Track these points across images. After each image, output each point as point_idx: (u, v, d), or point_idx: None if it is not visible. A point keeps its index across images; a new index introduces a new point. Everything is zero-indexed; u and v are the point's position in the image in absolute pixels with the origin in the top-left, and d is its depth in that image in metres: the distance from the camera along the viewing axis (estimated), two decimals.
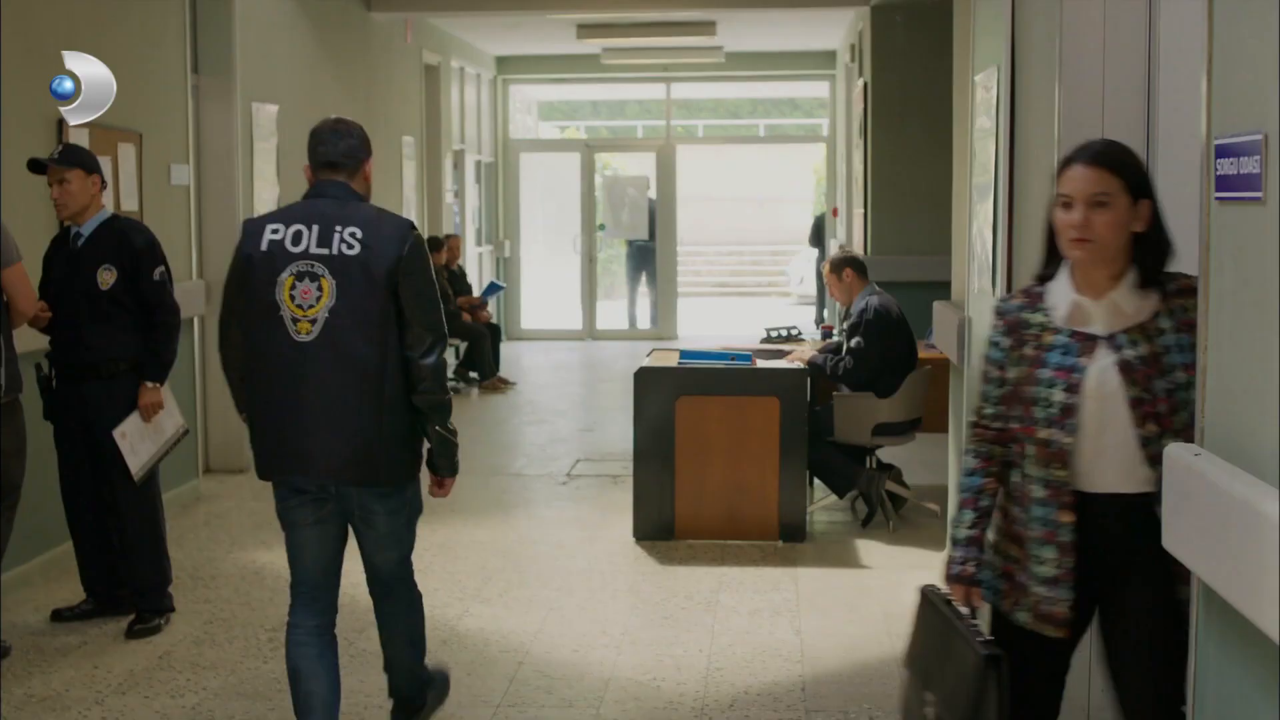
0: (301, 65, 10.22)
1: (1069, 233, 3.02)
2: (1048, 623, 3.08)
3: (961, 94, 6.02)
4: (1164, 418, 2.97)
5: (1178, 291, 3.04)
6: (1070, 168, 3.05)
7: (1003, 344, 3.16)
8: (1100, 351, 3.03)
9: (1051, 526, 3.04)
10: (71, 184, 5.55)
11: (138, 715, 4.85)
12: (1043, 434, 3.04)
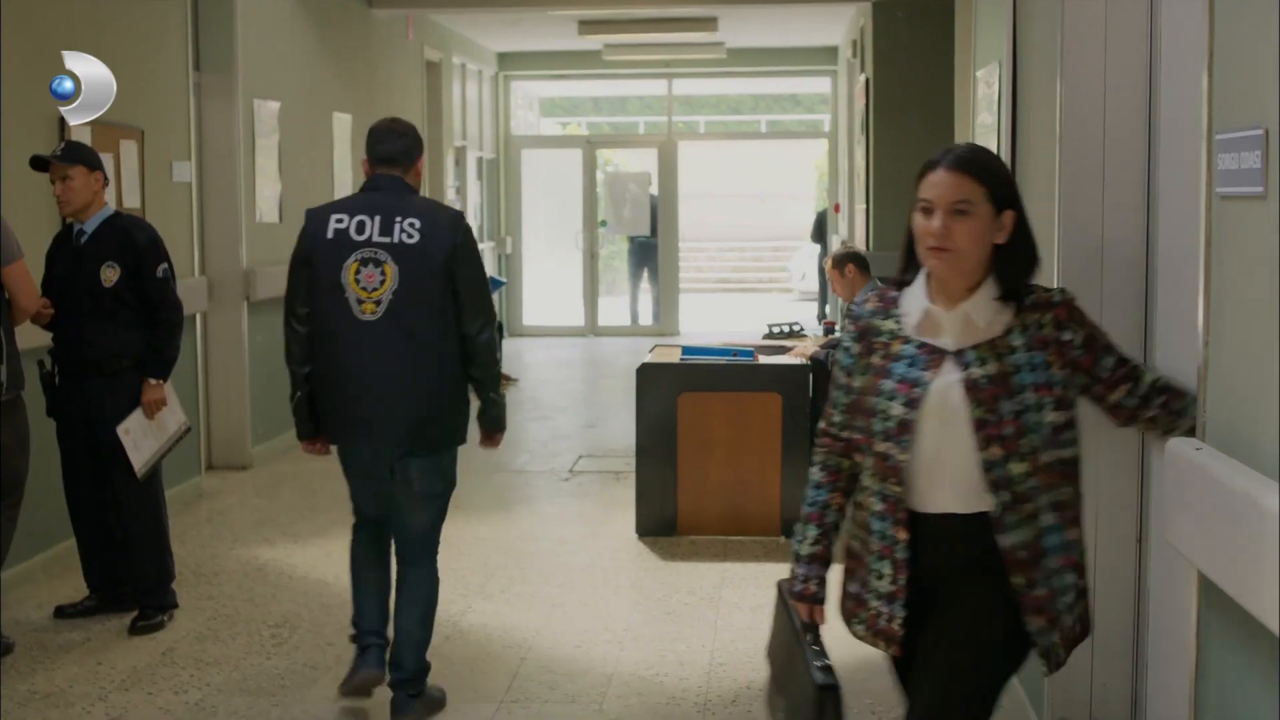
0: (303, 62, 10.22)
1: (927, 240, 2.86)
2: (881, 638, 3.00)
3: (963, 89, 6.02)
4: (1009, 441, 2.83)
5: (1033, 306, 2.91)
6: (932, 172, 2.90)
7: (852, 350, 3.02)
8: (947, 367, 2.89)
9: (888, 542, 2.93)
10: (74, 181, 5.56)
11: (141, 712, 4.86)
12: (880, 447, 2.91)
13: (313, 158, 10.32)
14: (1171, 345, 3.81)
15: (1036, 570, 2.85)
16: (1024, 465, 2.81)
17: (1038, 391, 2.84)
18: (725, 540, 7.02)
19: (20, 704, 4.92)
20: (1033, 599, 2.86)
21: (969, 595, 2.91)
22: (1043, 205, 4.32)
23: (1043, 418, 2.83)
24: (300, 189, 9.94)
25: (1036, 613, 2.87)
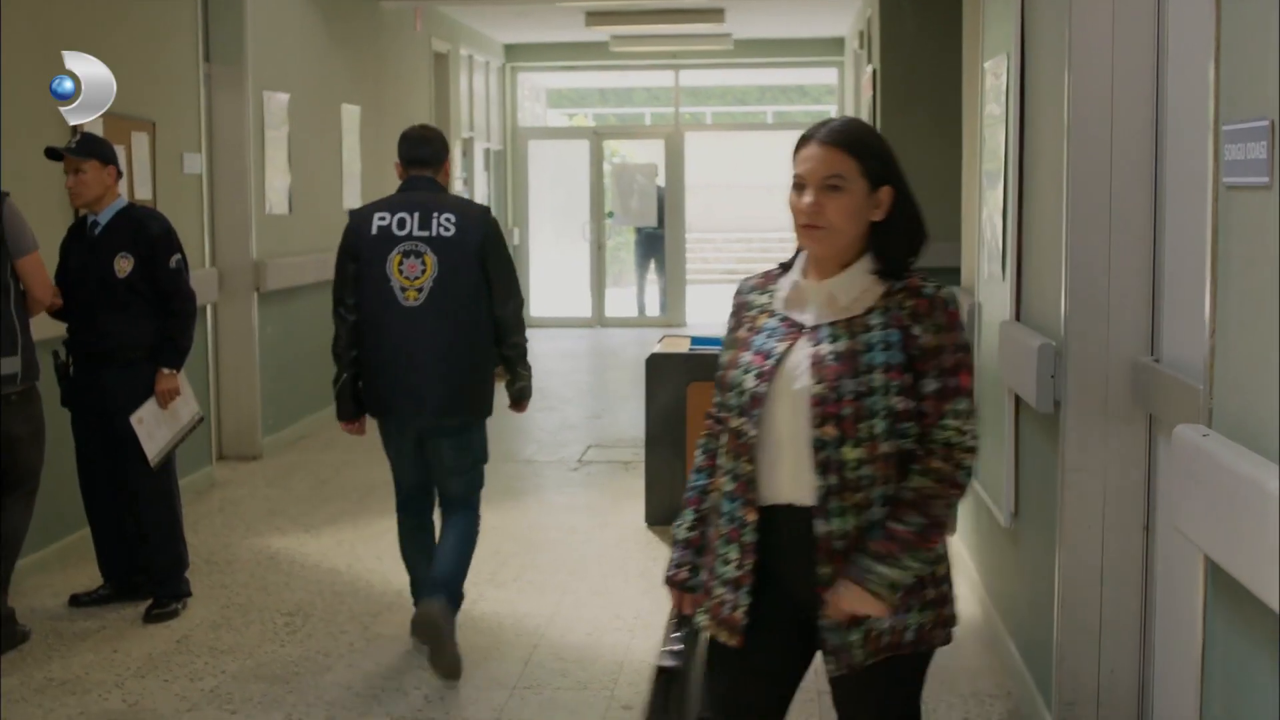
0: (312, 54, 10.26)
1: (800, 217, 2.75)
2: (724, 628, 2.81)
3: (971, 81, 6.06)
4: (846, 421, 2.68)
5: (903, 289, 2.76)
6: (804, 147, 2.77)
7: (730, 323, 2.94)
8: (802, 342, 2.76)
9: (736, 524, 2.78)
10: (87, 174, 5.60)
11: (157, 698, 4.91)
12: (735, 423, 2.79)
13: (322, 150, 10.36)
14: (1178, 334, 3.85)
15: (841, 561, 2.70)
16: (859, 451, 2.68)
17: (887, 373, 2.69)
18: None
19: (38, 690, 4.97)
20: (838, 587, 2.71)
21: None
22: (1050, 196, 4.36)
23: (887, 402, 2.68)
24: (309, 181, 9.99)
25: (836, 608, 2.72)
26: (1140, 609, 4.12)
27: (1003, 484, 4.98)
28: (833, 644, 2.73)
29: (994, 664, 5.13)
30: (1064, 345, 4.15)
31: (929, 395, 2.69)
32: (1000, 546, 5.26)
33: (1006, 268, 4.94)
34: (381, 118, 11.73)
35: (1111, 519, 4.14)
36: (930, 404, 2.70)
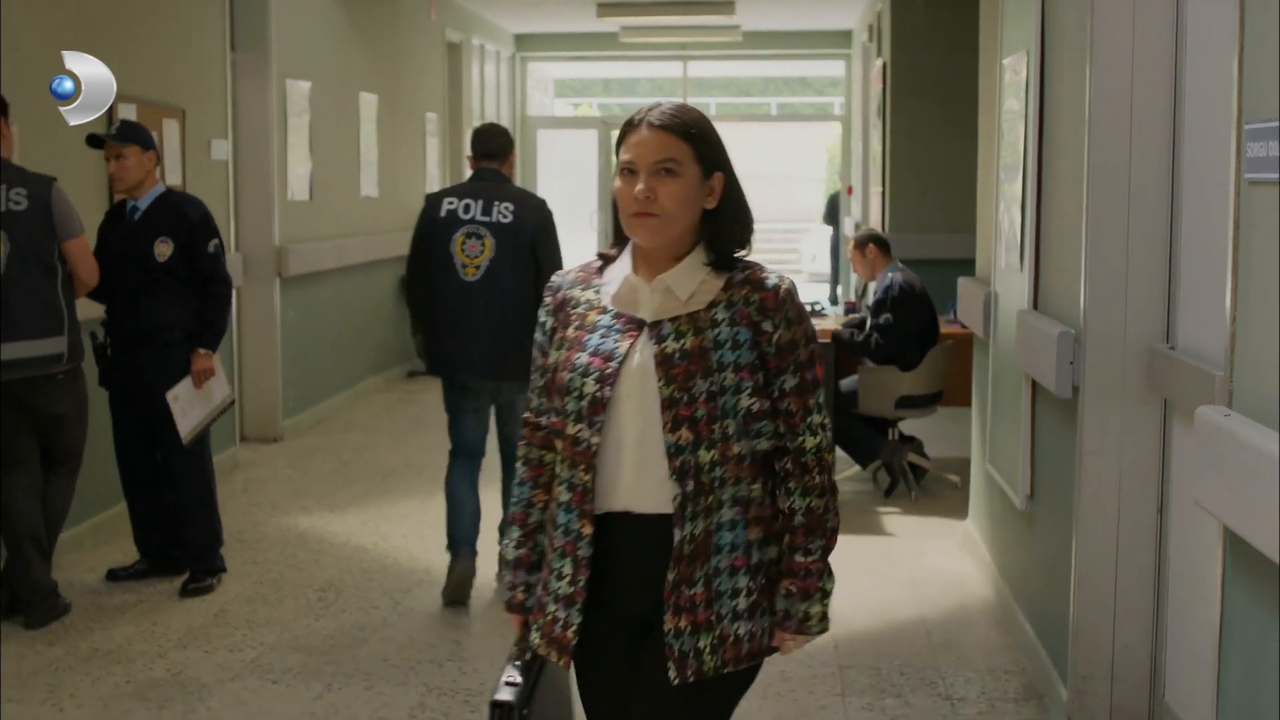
0: (332, 43, 10.41)
1: (630, 205, 2.58)
2: (554, 647, 2.66)
3: (988, 76, 6.20)
4: (700, 424, 2.55)
5: (745, 282, 2.63)
6: (634, 131, 2.61)
7: (547, 325, 2.73)
8: (642, 340, 2.61)
9: (571, 537, 2.62)
10: (128, 159, 5.76)
11: (200, 667, 5.07)
12: (572, 429, 2.61)
13: (341, 137, 10.51)
14: (1195, 320, 4.02)
15: (696, 566, 2.57)
16: (713, 453, 2.56)
17: (737, 372, 2.58)
18: None
19: (84, 659, 5.14)
20: (683, 597, 2.57)
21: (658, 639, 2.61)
22: (1070, 189, 4.52)
23: (739, 402, 2.57)
24: (329, 168, 10.14)
25: (678, 613, 2.57)
26: (1154, 586, 4.29)
27: (1019, 468, 5.14)
28: (680, 649, 2.57)
29: (1008, 641, 5.30)
30: (1083, 333, 4.31)
31: (790, 392, 2.61)
32: (1015, 528, 5.43)
33: (1025, 259, 5.10)
34: (397, 106, 11.88)
35: (1127, 499, 4.30)
36: (792, 400, 2.61)
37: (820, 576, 2.65)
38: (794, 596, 2.63)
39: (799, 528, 2.63)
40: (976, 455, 6.44)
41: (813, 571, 2.64)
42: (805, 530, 2.63)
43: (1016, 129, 5.25)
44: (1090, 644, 4.36)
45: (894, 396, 7.57)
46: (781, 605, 2.64)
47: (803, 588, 2.63)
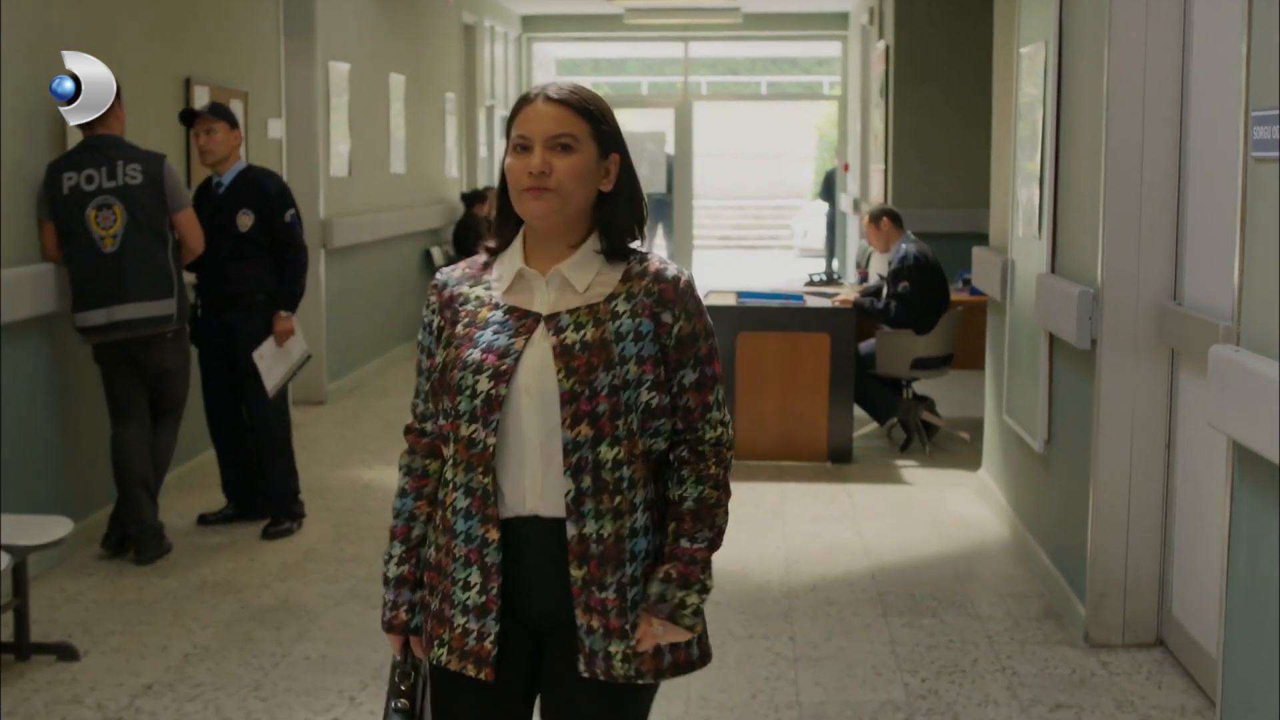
0: (366, 25, 10.93)
1: (523, 180, 2.46)
2: (470, 660, 2.53)
3: (1004, 64, 6.77)
4: (602, 419, 2.46)
5: (643, 274, 2.54)
6: (529, 105, 2.51)
7: (433, 324, 2.60)
8: (539, 334, 2.50)
9: (475, 544, 2.50)
10: (217, 134, 6.30)
11: (303, 596, 5.64)
12: (465, 430, 2.49)
13: (373, 116, 11.04)
14: (1199, 280, 4.62)
15: (609, 572, 2.49)
16: (616, 450, 2.47)
17: (640, 365, 2.49)
18: (778, 465, 7.81)
19: (197, 590, 5.70)
20: (594, 599, 2.49)
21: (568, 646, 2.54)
22: (1088, 165, 5.11)
23: (639, 396, 2.49)
24: (364, 145, 10.68)
25: (589, 612, 2.50)
26: (1162, 513, 4.90)
27: (1037, 415, 5.73)
28: (591, 647, 2.51)
29: (1026, 573, 5.90)
30: (1100, 292, 4.90)
31: (689, 388, 2.54)
32: (1032, 471, 6.03)
33: (1044, 228, 5.68)
34: (421, 86, 12.41)
35: (1139, 438, 4.90)
36: (692, 396, 2.54)
37: (704, 567, 2.54)
38: (672, 582, 2.52)
39: (687, 514, 2.54)
40: (991, 409, 7.03)
41: (697, 560, 2.53)
42: (694, 517, 2.54)
43: (1035, 112, 5.83)
44: (1106, 566, 4.97)
45: (909, 358, 8.16)
46: (656, 589, 2.52)
47: (683, 574, 2.52)
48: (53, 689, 4.65)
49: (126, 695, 4.61)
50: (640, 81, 26.82)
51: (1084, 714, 4.44)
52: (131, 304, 5.79)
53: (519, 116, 2.51)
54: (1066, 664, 4.86)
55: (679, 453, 2.56)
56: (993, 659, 4.92)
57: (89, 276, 5.74)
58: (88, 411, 6.20)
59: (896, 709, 4.49)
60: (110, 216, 5.73)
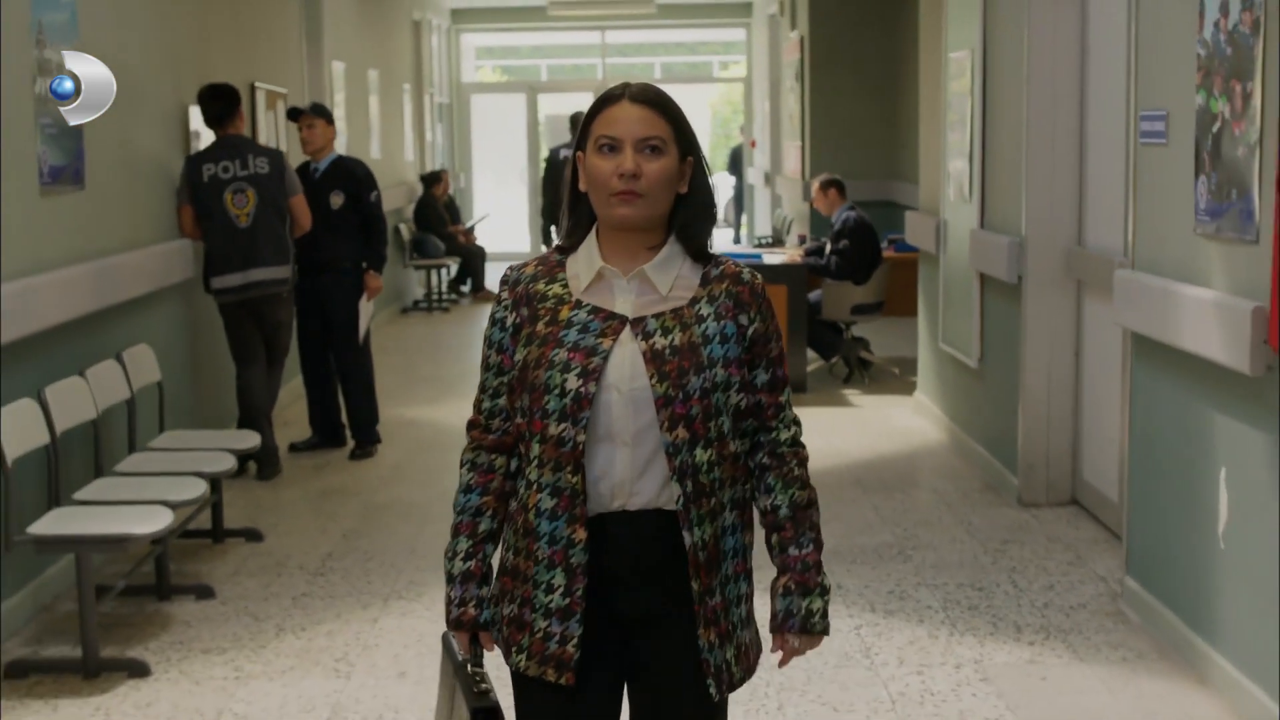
0: (353, 27, 12.33)
1: (615, 184, 2.46)
2: (551, 665, 2.51)
3: (931, 64, 8.42)
4: (696, 422, 2.47)
5: (721, 276, 2.56)
6: (614, 106, 2.50)
7: (508, 321, 2.56)
8: (625, 336, 2.49)
9: (561, 545, 2.48)
10: (316, 129, 7.76)
11: (412, 497, 7.12)
12: (554, 429, 2.46)
13: (359, 108, 12.45)
14: (1096, 229, 6.31)
15: (714, 575, 2.52)
16: (710, 452, 2.49)
17: (727, 368, 2.50)
18: None
19: (320, 496, 7.17)
20: (709, 609, 2.51)
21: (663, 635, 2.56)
22: (1010, 143, 6.77)
23: (729, 398, 2.51)
24: (355, 135, 12.08)
25: (708, 625, 2.52)
26: (1073, 404, 6.60)
27: (972, 339, 7.41)
28: (715, 663, 2.53)
29: (965, 462, 7.58)
30: (1024, 240, 6.57)
31: (762, 388, 2.56)
32: (967, 384, 7.71)
33: (972, 193, 7.34)
34: (387, 80, 13.83)
35: (1054, 348, 6.59)
36: (765, 396, 2.56)
37: (818, 570, 2.59)
38: (793, 593, 2.57)
39: (786, 521, 2.59)
40: (926, 340, 8.71)
41: (810, 565, 2.58)
42: (793, 523, 2.58)
43: (964, 103, 7.48)
44: (1032, 445, 6.66)
45: (849, 305, 9.82)
46: (781, 605, 2.58)
47: (800, 582, 2.57)
48: (256, 559, 6.12)
49: (315, 560, 6.09)
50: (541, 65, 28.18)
51: (1025, 546, 6.11)
52: (261, 268, 7.21)
53: (602, 116, 2.50)
54: (1006, 518, 6.54)
55: (760, 459, 2.59)
56: (952, 516, 6.59)
57: (226, 247, 7.15)
58: (214, 356, 7.63)
59: (890, 547, 6.13)
60: (244, 199, 7.15)
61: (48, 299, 5.48)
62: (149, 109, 6.96)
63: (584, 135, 2.53)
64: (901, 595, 5.51)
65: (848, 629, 5.12)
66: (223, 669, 4.87)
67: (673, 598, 2.53)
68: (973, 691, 4.59)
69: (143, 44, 6.87)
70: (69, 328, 5.74)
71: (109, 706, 4.60)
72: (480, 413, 2.62)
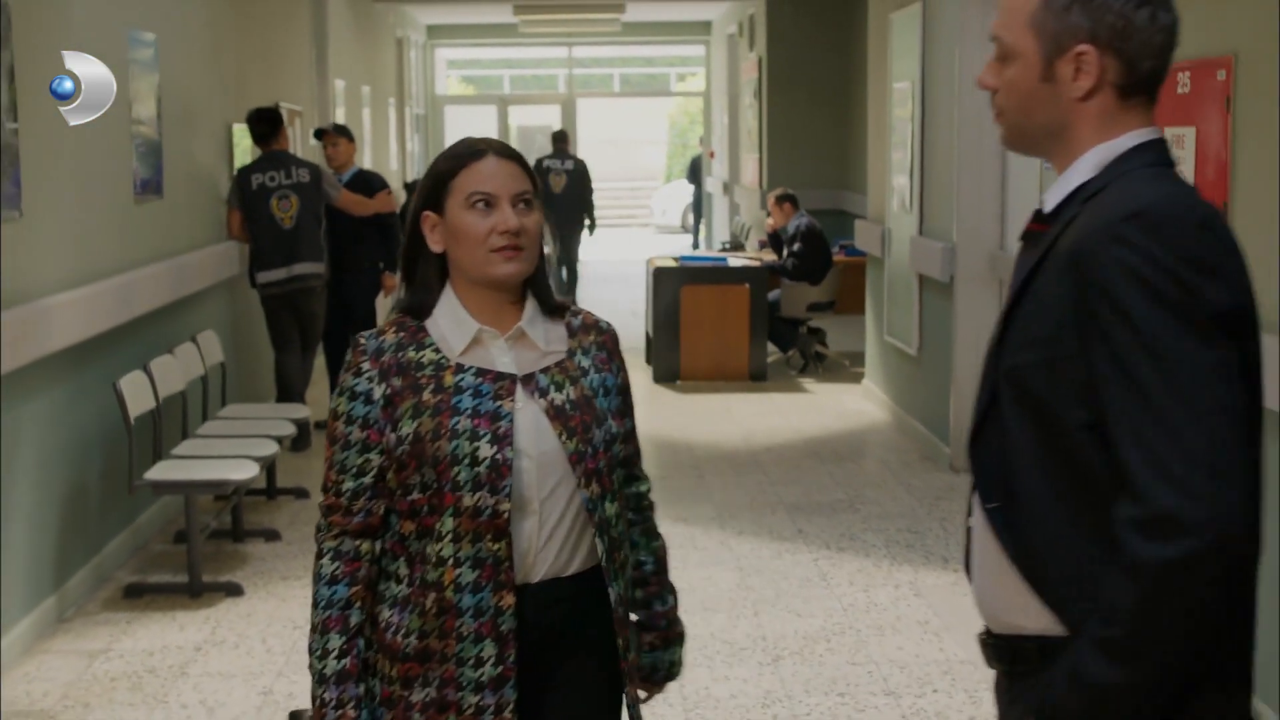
0: (349, 46, 13.43)
1: (496, 240, 2.37)
2: None
3: (878, 92, 9.62)
4: (604, 476, 2.44)
5: (585, 327, 2.54)
6: (480, 161, 2.41)
7: (375, 393, 2.39)
8: (521, 396, 2.41)
9: (488, 615, 2.37)
10: (339, 146, 8.88)
11: None
12: (470, 500, 2.34)
13: (354, 123, 13.53)
14: (1018, 231, 7.50)
15: (628, 628, 2.51)
16: (615, 506, 2.47)
17: (615, 420, 2.50)
18: (713, 383, 10.59)
19: None
20: (631, 664, 2.52)
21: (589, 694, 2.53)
22: (944, 163, 7.97)
23: (620, 450, 2.50)
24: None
25: (632, 679, 2.52)
26: None
27: (913, 330, 8.60)
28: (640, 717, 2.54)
29: (905, 437, 8.77)
30: (955, 246, 7.77)
31: (629, 438, 2.57)
32: (908, 370, 8.90)
33: (912, 205, 8.53)
34: (375, 94, 14.93)
35: (980, 338, 7.77)
36: (629, 445, 2.57)
37: (678, 621, 2.67)
38: (659, 649, 2.64)
39: (651, 576, 2.63)
40: (872, 333, 9.91)
41: (672, 619, 2.66)
42: (657, 578, 2.64)
43: (905, 127, 8.67)
44: (961, 420, 7.85)
45: (805, 303, 11.01)
46: (647, 660, 2.63)
47: (665, 638, 2.65)
48: (306, 512, 7.21)
49: None
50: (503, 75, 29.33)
51: (954, 502, 7.30)
52: (303, 264, 8.31)
53: (467, 172, 2.40)
54: (940, 480, 7.74)
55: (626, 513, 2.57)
56: (894, 479, 7.78)
57: (272, 246, 8.24)
58: (253, 342, 8.74)
59: (842, 502, 7.31)
60: (288, 204, 8.25)
61: (143, 290, 6.58)
62: (204, 128, 8.06)
63: (438, 192, 2.43)
64: (852, 537, 6.69)
65: (808, 560, 6.30)
66: (302, 590, 5.98)
67: (599, 657, 2.50)
68: (907, 603, 5.77)
69: (202, 73, 7.97)
70: (159, 313, 6.84)
71: (216, 617, 5.71)
72: (340, 495, 2.42)
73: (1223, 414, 1.81)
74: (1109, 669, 1.84)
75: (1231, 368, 1.84)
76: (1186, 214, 1.90)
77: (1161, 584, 1.80)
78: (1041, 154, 2.14)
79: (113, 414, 5.99)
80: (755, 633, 5.45)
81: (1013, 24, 2.06)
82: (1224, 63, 4.46)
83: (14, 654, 5.17)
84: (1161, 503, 1.80)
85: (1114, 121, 2.03)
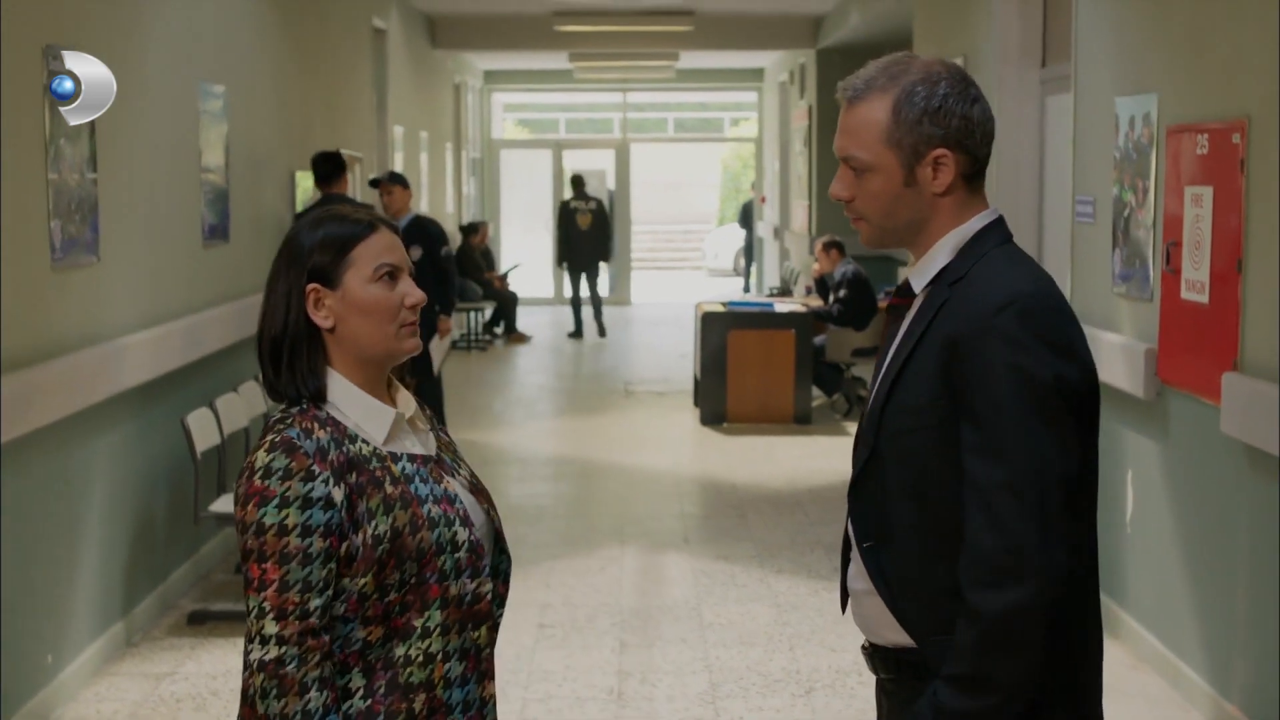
0: (409, 92, 13.81)
1: (404, 314, 2.30)
2: None
3: None
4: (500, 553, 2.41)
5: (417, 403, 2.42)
6: (375, 235, 2.33)
7: (335, 495, 2.19)
8: (445, 475, 2.33)
9: (474, 709, 2.30)
10: (394, 194, 9.20)
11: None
12: (455, 589, 2.25)
13: (412, 168, 13.89)
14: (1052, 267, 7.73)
15: None
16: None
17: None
18: (758, 425, 10.80)
19: None
20: None
21: None
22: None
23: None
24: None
25: None
26: None
27: None
28: None
29: None
30: None
31: None
32: None
33: None
34: (434, 139, 15.31)
35: None
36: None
37: None
38: None
39: None
40: None
41: None
42: None
43: None
44: None
45: (850, 349, 11.23)
46: None
47: None
48: None
49: None
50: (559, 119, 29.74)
51: None
52: None
53: (367, 244, 2.31)
54: None
55: None
56: None
57: None
58: None
59: None
60: None
61: (210, 331, 6.90)
62: (269, 175, 8.40)
63: (335, 267, 2.29)
64: None
65: None
66: None
67: None
68: None
69: (268, 123, 8.31)
70: (225, 353, 7.15)
71: None
72: (308, 617, 2.18)
73: (1061, 485, 2.19)
74: (961, 699, 2.20)
75: (1077, 441, 2.23)
76: (1046, 300, 2.28)
77: (996, 627, 2.17)
78: (902, 246, 2.42)
79: (180, 449, 6.29)
80: (790, 666, 5.67)
81: (867, 142, 2.33)
82: (1238, 126, 4.68)
83: (84, 675, 5.46)
84: (998, 558, 2.17)
85: (965, 207, 2.38)
